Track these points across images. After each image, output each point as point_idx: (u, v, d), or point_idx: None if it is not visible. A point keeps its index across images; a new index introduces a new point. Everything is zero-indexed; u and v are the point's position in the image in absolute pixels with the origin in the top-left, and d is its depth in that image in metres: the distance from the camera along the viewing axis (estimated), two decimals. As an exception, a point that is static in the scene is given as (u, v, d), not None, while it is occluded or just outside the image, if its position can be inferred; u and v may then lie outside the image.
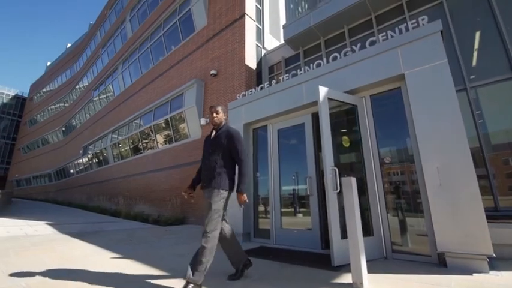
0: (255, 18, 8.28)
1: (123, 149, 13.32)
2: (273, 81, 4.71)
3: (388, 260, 3.09)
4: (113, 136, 14.30)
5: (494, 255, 2.42)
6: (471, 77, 4.14)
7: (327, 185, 3.10)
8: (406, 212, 3.29)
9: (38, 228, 6.31)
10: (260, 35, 8.44)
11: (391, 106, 3.55)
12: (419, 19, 3.36)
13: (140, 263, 3.07)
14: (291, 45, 7.09)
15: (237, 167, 2.48)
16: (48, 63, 34.23)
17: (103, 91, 17.18)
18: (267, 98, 4.59)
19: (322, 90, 3.40)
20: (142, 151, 11.57)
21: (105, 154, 14.77)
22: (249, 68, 7.42)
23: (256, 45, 8.08)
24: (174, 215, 7.68)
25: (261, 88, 4.85)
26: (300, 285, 2.25)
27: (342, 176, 3.37)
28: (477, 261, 2.46)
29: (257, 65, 7.82)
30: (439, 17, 3.53)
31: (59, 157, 22.34)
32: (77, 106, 21.13)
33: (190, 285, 2.02)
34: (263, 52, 8.26)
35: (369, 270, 2.32)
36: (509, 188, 3.68)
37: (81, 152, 17.87)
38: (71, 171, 19.67)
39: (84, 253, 3.69)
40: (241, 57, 7.50)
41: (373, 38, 3.93)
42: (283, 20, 9.59)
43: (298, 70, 4.44)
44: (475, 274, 2.39)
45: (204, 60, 8.91)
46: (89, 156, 16.82)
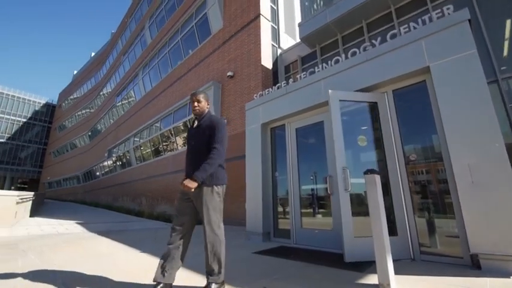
0: (270, 18, 8.28)
1: (144, 152, 13.79)
2: (290, 80, 4.67)
3: (416, 261, 2.95)
4: (135, 139, 14.86)
5: (536, 257, 2.24)
6: (502, 68, 3.89)
7: (338, 185, 3.21)
8: (434, 212, 3.13)
9: (68, 227, 6.68)
10: (275, 35, 8.43)
11: (415, 101, 3.40)
12: (443, 8, 3.19)
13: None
14: (307, 43, 7.01)
15: (221, 156, 2.09)
16: (75, 72, 36.26)
17: (125, 96, 17.92)
18: (284, 97, 4.56)
19: (333, 94, 3.50)
20: (162, 153, 11.92)
21: (128, 157, 15.38)
22: (265, 68, 7.43)
23: (272, 45, 8.08)
24: (194, 215, 7.83)
25: (278, 87, 4.83)
26: (324, 285, 2.21)
27: (353, 176, 3.31)
28: (516, 264, 2.29)
29: (273, 64, 7.81)
30: (465, 6, 3.34)
31: (86, 160, 23.55)
32: (102, 111, 22.19)
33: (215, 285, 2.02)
34: (279, 52, 8.24)
35: (395, 271, 2.23)
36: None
37: (106, 155, 18.72)
38: (97, 174, 20.66)
39: (111, 250, 3.85)
40: (257, 58, 7.53)
41: (394, 31, 3.79)
42: (298, 18, 9.51)
43: (315, 68, 4.38)
44: (513, 277, 2.22)
45: (221, 62, 9.04)
46: (113, 159, 17.59)
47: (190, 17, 11.47)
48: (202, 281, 2.19)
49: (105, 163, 19.05)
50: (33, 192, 9.92)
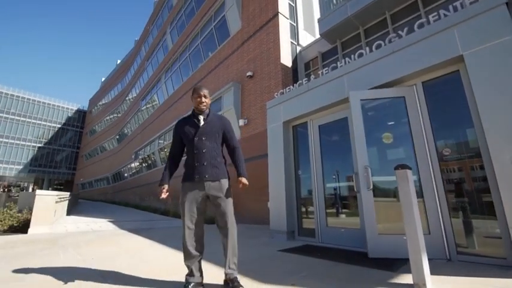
0: (288, 16, 8.22)
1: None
2: (312, 77, 4.61)
3: (453, 261, 2.79)
4: (159, 141, 15.42)
5: None
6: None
7: (360, 183, 3.30)
8: (472, 211, 2.93)
9: (101, 225, 7.08)
10: (294, 32, 8.35)
11: (448, 92, 3.21)
12: (478, -8, 2.98)
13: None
14: (328, 39, 6.87)
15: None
16: (103, 79, 38.37)
17: (149, 100, 18.65)
18: (306, 94, 4.51)
19: (354, 95, 3.55)
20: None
21: (153, 158, 15.99)
22: (284, 66, 7.39)
23: (291, 42, 8.01)
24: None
25: (299, 84, 4.78)
26: (355, 285, 2.15)
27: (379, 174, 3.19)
28: None
29: (292, 62, 7.75)
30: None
31: (115, 162, 24.83)
32: (128, 116, 23.27)
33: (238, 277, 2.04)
34: (298, 49, 8.15)
35: (430, 271, 2.12)
36: None
37: (133, 156, 19.60)
38: (125, 175, 21.69)
39: (141, 246, 4.03)
40: (277, 57, 7.50)
41: (421, 20, 3.60)
42: (317, 14, 9.34)
43: (338, 63, 4.28)
44: None
45: (240, 63, 9.12)
46: (140, 160, 18.37)
47: (209, 20, 11.69)
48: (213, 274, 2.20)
49: (132, 165, 19.96)
50: (69, 193, 10.63)
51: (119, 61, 33.65)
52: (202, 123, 2.18)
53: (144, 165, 17.83)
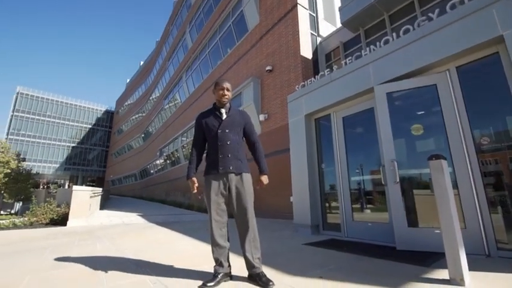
0: (307, 6, 8.02)
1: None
2: (334, 67, 4.47)
3: (493, 258, 2.60)
4: (182, 139, 15.87)
5: None
6: None
7: (387, 177, 3.29)
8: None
9: (131, 219, 7.46)
10: (314, 23, 8.13)
11: (486, 77, 2.97)
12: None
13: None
14: (350, 27, 6.62)
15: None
16: (128, 81, 40.08)
17: (171, 99, 19.21)
18: (328, 85, 4.39)
19: (379, 89, 3.50)
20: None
21: (177, 155, 16.50)
22: (304, 58, 7.25)
23: (311, 33, 7.82)
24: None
25: (321, 76, 4.66)
26: (387, 279, 2.08)
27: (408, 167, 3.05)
28: None
29: (313, 54, 7.57)
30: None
31: (141, 159, 25.97)
32: (152, 115, 24.16)
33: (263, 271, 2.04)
34: (318, 40, 7.94)
35: (468, 267, 2.00)
36: None
37: (157, 154, 20.38)
38: (151, 171, 22.63)
39: (171, 238, 4.20)
40: (296, 49, 7.37)
41: (454, 0, 3.34)
42: (338, 2, 9.01)
43: (362, 51, 4.11)
44: None
45: (259, 58, 9.08)
46: (164, 157, 19.06)
47: (227, 17, 11.73)
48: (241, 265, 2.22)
49: (157, 162, 20.77)
50: (101, 188, 11.31)
51: (141, 62, 34.91)
52: (225, 116, 2.19)
53: (168, 162, 18.48)
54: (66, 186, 43.74)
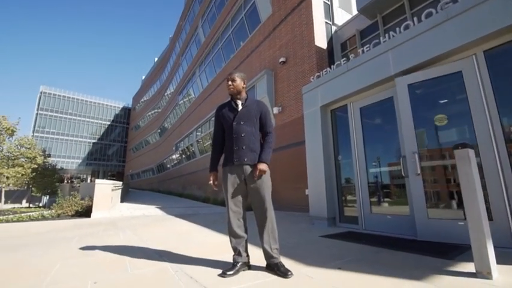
0: (321, -6, 7.77)
1: (206, 144, 14.85)
2: (351, 56, 4.33)
3: (523, 252, 2.48)
4: (197, 134, 16.09)
5: None
6: None
7: (408, 169, 3.28)
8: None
9: (151, 211, 7.72)
10: (329, 11, 7.89)
11: (517, 60, 2.77)
12: None
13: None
14: (367, 14, 6.37)
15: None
16: (143, 77, 40.92)
17: (185, 95, 19.45)
18: (345, 75, 4.27)
19: (401, 81, 3.45)
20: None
21: (192, 150, 16.78)
22: (319, 48, 7.08)
23: (325, 22, 7.60)
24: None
25: (337, 65, 4.54)
26: (408, 271, 2.04)
27: (420, 160, 2.94)
28: None
29: (328, 44, 7.37)
30: None
31: (158, 154, 26.65)
32: (167, 110, 24.62)
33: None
34: (333, 29, 7.71)
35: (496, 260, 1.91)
36: None
37: (173, 148, 20.82)
38: (168, 166, 23.20)
39: (189, 229, 4.31)
40: (310, 39, 7.20)
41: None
42: (353, -11, 8.68)
43: (380, 38, 3.95)
44: None
45: (272, 50, 8.96)
46: (180, 152, 19.45)
47: (239, 9, 11.62)
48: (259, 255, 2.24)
49: (173, 156, 21.24)
50: (121, 182, 11.75)
51: (156, 59, 35.47)
52: (240, 107, 2.20)
53: (183, 156, 18.84)
54: (89, 180, 45.75)
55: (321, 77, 4.77)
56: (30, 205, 18.61)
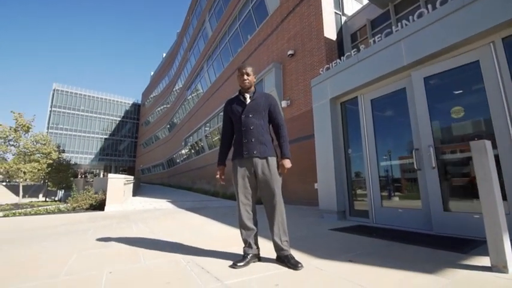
0: (331, -16, 7.58)
1: (215, 139, 14.94)
2: (362, 47, 4.23)
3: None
4: (205, 129, 16.19)
5: None
6: None
7: (424, 162, 3.25)
8: None
9: (162, 204, 7.87)
10: (338, 1, 7.70)
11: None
12: None
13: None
14: (378, 3, 6.18)
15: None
16: (152, 73, 41.29)
17: (194, 90, 19.52)
18: (355, 66, 4.17)
19: (416, 75, 3.42)
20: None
21: (201, 144, 16.93)
22: (328, 40, 6.94)
23: (335, 13, 7.43)
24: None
25: (347, 57, 4.44)
26: (421, 265, 2.01)
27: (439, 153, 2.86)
28: None
29: (337, 35, 7.22)
30: None
31: (168, 149, 27.03)
32: (176, 106, 24.83)
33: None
34: (343, 19, 7.53)
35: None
36: None
37: (183, 143, 21.05)
38: (177, 161, 23.52)
39: (200, 222, 4.38)
40: (319, 30, 7.06)
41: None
42: (364, -22, 8.42)
43: (393, 27, 3.84)
44: None
45: (280, 42, 8.85)
46: (189, 147, 19.66)
47: (247, 2, 11.48)
48: (269, 248, 2.25)
49: (183, 151, 21.49)
50: (133, 177, 11.99)
51: (164, 54, 35.65)
52: (248, 101, 2.20)
53: (193, 151, 19.04)
54: (101, 175, 46.99)
55: (331, 69, 4.68)
56: (47, 199, 19.29)
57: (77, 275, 1.88)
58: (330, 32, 7.02)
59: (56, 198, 20.43)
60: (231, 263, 2.02)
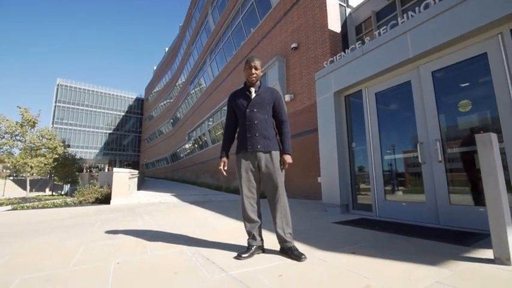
0: (335, -25, 7.43)
1: (218, 133, 14.97)
2: (367, 39, 4.17)
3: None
4: (208, 123, 16.22)
5: None
6: None
7: (431, 156, 3.24)
8: None
9: (166, 198, 7.96)
10: (343, -7, 7.56)
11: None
12: None
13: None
14: (383, -6, 6.05)
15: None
16: (155, 68, 41.21)
17: (197, 84, 19.48)
18: (360, 59, 4.13)
19: (424, 69, 3.41)
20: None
21: (205, 139, 16.98)
22: (332, 32, 6.84)
23: (339, 4, 7.31)
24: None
25: (352, 49, 4.39)
26: (424, 257, 2.02)
27: (446, 147, 2.84)
28: None
29: (341, 27, 7.11)
30: None
31: (171, 144, 27.17)
32: (179, 100, 24.84)
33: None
34: (347, 11, 7.41)
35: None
36: None
37: (186, 138, 21.13)
38: (181, 155, 23.66)
39: (204, 215, 4.43)
40: (323, 23, 6.97)
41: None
42: (369, -32, 8.23)
43: (398, 19, 3.77)
44: None
45: (284, 35, 8.75)
46: (192, 141, 19.74)
47: (250, -6, 11.33)
48: (273, 240, 2.27)
49: (186, 145, 21.60)
50: (137, 171, 12.12)
51: (166, 49, 35.51)
52: (253, 95, 2.19)
53: (196, 145, 19.12)
54: (106, 170, 47.49)
55: (335, 62, 4.64)
56: (53, 193, 19.62)
57: (86, 265, 1.94)
58: (334, 24, 6.93)
59: (62, 192, 20.77)
60: (235, 254, 2.05)
